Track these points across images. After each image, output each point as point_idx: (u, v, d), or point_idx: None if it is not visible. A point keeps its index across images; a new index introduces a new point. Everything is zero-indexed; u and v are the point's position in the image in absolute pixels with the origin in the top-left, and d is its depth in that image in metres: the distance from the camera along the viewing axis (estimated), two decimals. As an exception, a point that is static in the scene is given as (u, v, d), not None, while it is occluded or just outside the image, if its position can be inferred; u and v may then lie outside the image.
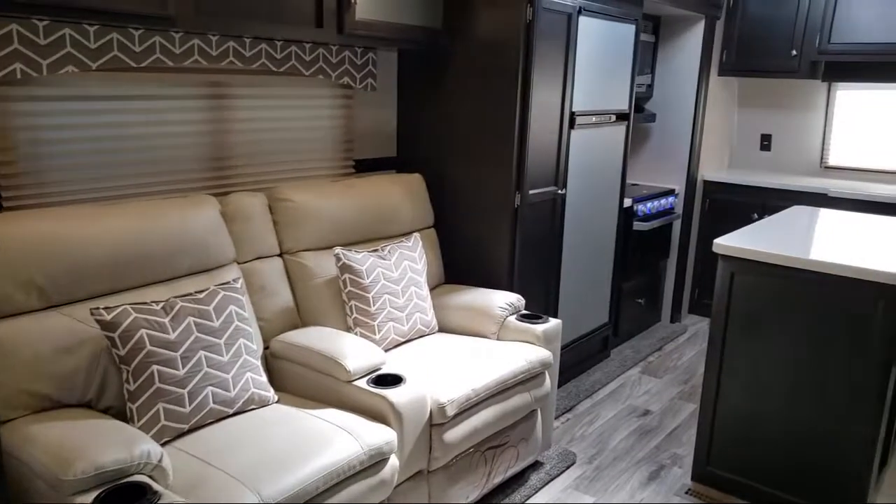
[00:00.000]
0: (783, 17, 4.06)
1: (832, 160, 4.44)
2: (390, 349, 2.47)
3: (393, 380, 2.07)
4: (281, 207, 2.47)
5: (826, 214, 3.15)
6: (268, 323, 2.34)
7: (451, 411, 2.11)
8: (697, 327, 4.30)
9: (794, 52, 4.04)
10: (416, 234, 2.73)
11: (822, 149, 4.45)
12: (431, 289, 2.87)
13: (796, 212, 3.18)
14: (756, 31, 4.16)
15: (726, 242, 2.46)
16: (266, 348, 2.30)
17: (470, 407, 2.21)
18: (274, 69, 2.51)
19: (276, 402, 2.09)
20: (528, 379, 2.44)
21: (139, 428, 1.79)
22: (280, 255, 2.47)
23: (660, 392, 3.41)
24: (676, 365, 3.75)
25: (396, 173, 3.07)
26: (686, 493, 2.56)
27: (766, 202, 4.13)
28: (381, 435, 1.92)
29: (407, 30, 2.66)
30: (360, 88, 2.91)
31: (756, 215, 4.12)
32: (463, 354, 2.40)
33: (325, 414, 2.00)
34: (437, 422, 2.11)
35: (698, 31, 4.02)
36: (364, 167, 3.06)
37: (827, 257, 2.28)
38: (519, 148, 2.80)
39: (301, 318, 2.46)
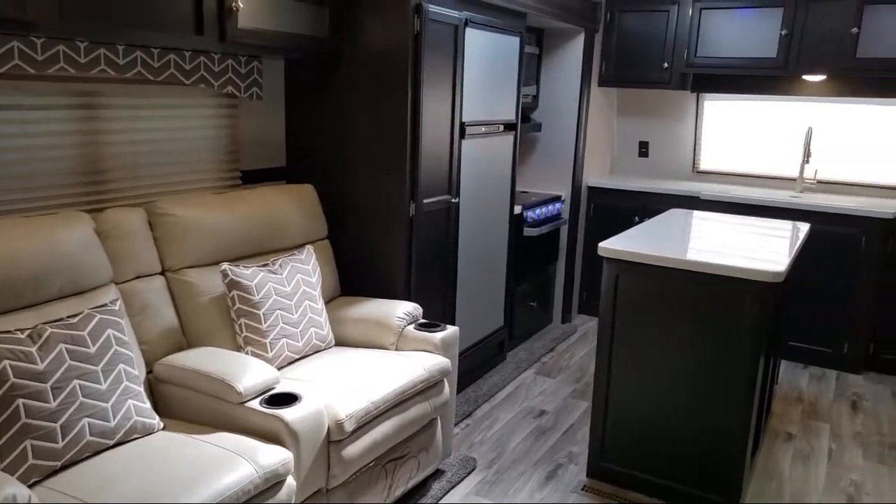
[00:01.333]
0: (655, 32, 4.32)
1: (703, 165, 4.77)
2: (284, 367, 2.40)
3: (287, 399, 2.01)
4: (162, 223, 2.34)
5: (699, 216, 3.38)
6: (151, 346, 2.21)
7: (349, 427, 2.07)
8: (587, 326, 4.48)
9: (666, 65, 4.31)
10: (309, 247, 2.67)
11: (694, 155, 4.77)
12: (327, 302, 2.82)
13: (673, 214, 3.39)
14: (631, 45, 4.41)
15: (610, 246, 2.58)
16: (149, 373, 2.17)
17: (369, 421, 2.18)
18: (151, 78, 2.38)
19: (162, 429, 1.97)
20: (427, 388, 2.44)
21: (2, 469, 1.63)
22: (162, 273, 2.34)
23: (554, 392, 3.52)
24: (569, 364, 3.89)
25: (287, 184, 2.99)
26: (582, 489, 2.66)
27: (646, 205, 4.37)
28: (276, 456, 1.86)
29: (292, 38, 2.60)
30: (245, 97, 2.82)
31: (637, 218, 4.35)
32: (361, 368, 2.37)
33: (216, 438, 1.91)
34: (335, 438, 2.06)
35: (579, 43, 4.21)
36: (252, 178, 2.97)
37: (701, 257, 2.44)
38: (412, 157, 2.80)
39: (187, 339, 2.34)
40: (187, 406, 2.09)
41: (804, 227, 3.18)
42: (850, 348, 3.89)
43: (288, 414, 1.94)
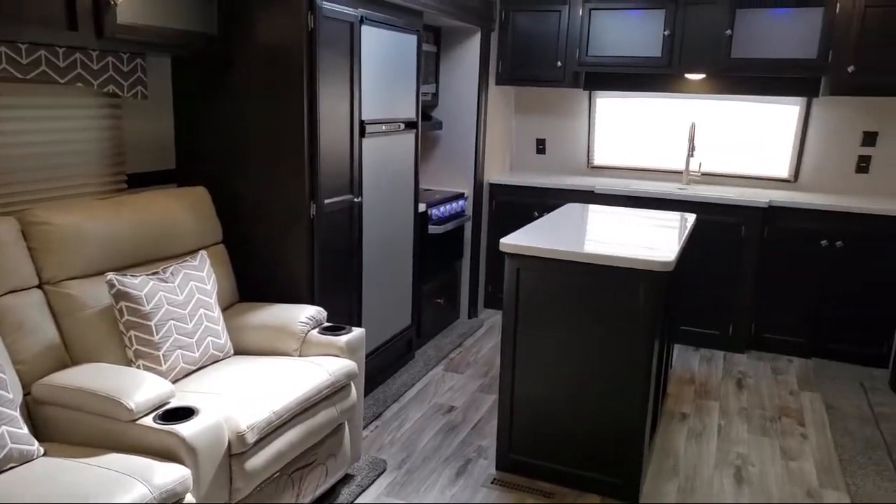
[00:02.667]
0: (548, 31, 4.44)
1: (597, 160, 4.95)
2: (180, 379, 2.28)
3: (184, 413, 1.91)
4: (37, 232, 2.17)
5: (594, 209, 3.50)
6: (28, 366, 2.04)
7: (251, 438, 2.00)
8: (493, 320, 4.56)
9: (560, 64, 4.44)
10: (203, 252, 2.55)
11: (588, 151, 4.95)
12: (224, 309, 2.71)
13: (569, 208, 3.50)
14: (526, 44, 4.51)
15: (510, 241, 2.62)
16: (27, 394, 2.01)
17: (272, 431, 2.12)
18: (20, 76, 2.19)
19: (43, 455, 1.83)
20: (333, 393, 2.40)
21: None
22: (40, 287, 2.17)
23: (463, 387, 3.55)
24: (476, 359, 3.93)
25: (177, 187, 2.85)
26: (492, 483, 2.69)
27: (545, 201, 4.49)
28: (172, 474, 1.76)
29: (177, 35, 2.48)
30: (128, 97, 2.66)
31: (537, 213, 4.46)
32: (262, 376, 2.29)
33: (105, 461, 1.79)
34: (236, 451, 1.98)
35: (475, 42, 4.26)
36: (139, 182, 2.81)
37: (596, 249, 2.53)
38: (310, 157, 2.74)
39: (71, 356, 2.18)
40: (72, 428, 1.95)
41: (691, 218, 3.36)
42: (735, 330, 4.16)
43: (184, 429, 1.85)
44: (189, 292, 2.36)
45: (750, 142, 4.52)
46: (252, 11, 2.69)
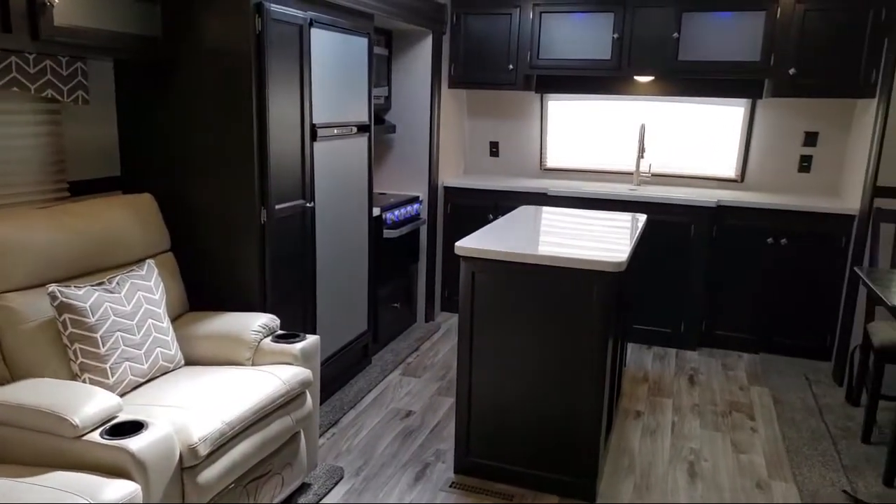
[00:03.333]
0: (499, 34, 4.47)
1: (550, 163, 5.00)
2: (128, 392, 2.21)
3: (133, 427, 1.85)
4: (-28, 243, 2.07)
5: (547, 211, 3.53)
6: (-36, 383, 1.95)
7: (203, 451, 1.95)
8: (450, 323, 4.56)
9: (511, 67, 4.48)
10: (150, 261, 2.48)
11: (541, 153, 4.99)
12: (174, 319, 2.64)
13: (523, 211, 3.53)
14: (477, 47, 4.53)
15: (465, 244, 2.63)
16: (-37, 414, 1.92)
17: (226, 442, 2.07)
18: (-52, 79, 2.10)
19: (-19, 477, 1.75)
20: (287, 402, 2.36)
21: None
22: (-25, 301, 2.08)
23: (420, 391, 3.54)
24: (434, 362, 3.93)
25: (122, 194, 2.77)
26: (450, 486, 2.69)
27: (499, 203, 4.52)
28: (121, 490, 1.70)
29: (119, 38, 2.41)
30: (68, 102, 2.57)
31: (491, 216, 4.48)
32: (214, 387, 2.24)
33: (50, 479, 1.72)
34: (188, 464, 1.93)
35: (427, 45, 4.26)
36: (82, 190, 2.71)
37: (550, 251, 2.55)
38: (260, 162, 2.69)
39: (11, 371, 2.09)
40: (13, 448, 1.87)
41: (642, 218, 3.42)
42: (686, 327, 4.25)
43: (133, 443, 1.79)
44: (136, 303, 2.29)
45: (698, 143, 4.63)
46: (197, 14, 2.63)
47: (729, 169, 4.61)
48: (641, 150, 4.49)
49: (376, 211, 3.78)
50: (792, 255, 4.03)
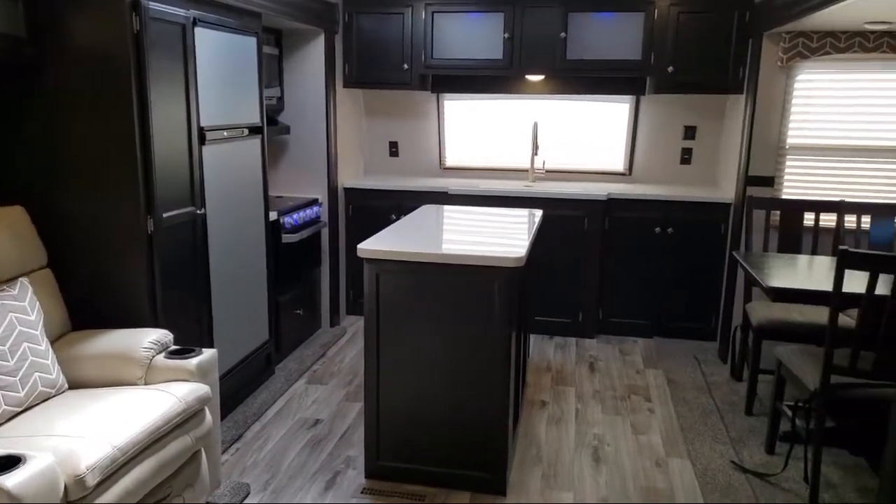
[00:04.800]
0: (392, 34, 4.45)
1: (449, 162, 5.05)
2: (3, 424, 2.03)
3: (8, 462, 1.70)
4: None
5: (449, 210, 3.56)
6: None
7: (92, 481, 1.82)
8: (356, 327, 4.50)
9: (406, 66, 4.47)
10: (24, 280, 2.29)
11: (440, 152, 5.03)
12: (54, 340, 2.44)
13: (425, 210, 3.53)
14: (371, 47, 4.49)
15: (368, 246, 2.59)
16: None
17: (118, 468, 1.94)
18: None
19: None
20: (185, 420, 2.24)
21: None
22: None
23: (328, 398, 3.47)
24: (340, 368, 3.86)
25: (-12, 208, 2.53)
26: (362, 492, 2.65)
27: (401, 203, 4.50)
28: (-2, 534, 1.56)
29: (-24, 36, 2.20)
30: (-83, 107, 2.32)
31: (394, 216, 4.46)
32: (102, 411, 2.09)
33: (-89, 529, 1.55)
34: (75, 497, 1.79)
35: (319, 44, 4.18)
36: (-62, 204, 2.46)
37: (452, 249, 2.57)
38: (144, 169, 2.54)
39: None
40: None
41: (539, 213, 3.51)
42: (584, 316, 4.41)
43: (8, 480, 1.64)
44: (8, 325, 2.11)
45: (588, 139, 4.81)
46: (66, 12, 2.44)
47: (617, 163, 4.82)
48: (535, 148, 4.61)
49: (273, 215, 3.67)
50: (678, 242, 4.26)
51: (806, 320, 3.22)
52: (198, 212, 2.90)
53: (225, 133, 3.11)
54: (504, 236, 2.90)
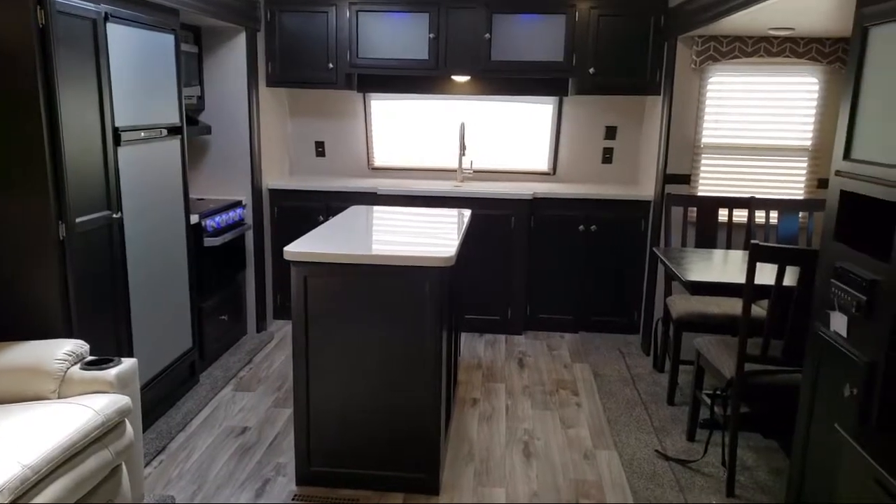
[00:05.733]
0: (317, 32, 4.39)
1: (377, 162, 5.02)
2: None
3: None
4: None
5: (378, 211, 3.54)
6: None
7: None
8: (284, 331, 4.42)
9: (331, 65, 4.41)
10: (-81, 291, 2.13)
11: (368, 152, 4.99)
12: (-45, 355, 2.28)
13: (353, 211, 3.50)
14: (295, 45, 4.41)
15: (295, 249, 2.55)
16: None
17: (30, 488, 1.83)
18: None
19: None
20: (104, 434, 2.13)
21: None
22: None
23: (255, 405, 3.39)
24: (268, 374, 3.78)
25: None
26: (293, 499, 2.60)
27: (329, 204, 4.45)
28: None
29: None
30: None
31: (322, 217, 4.40)
32: (11, 428, 1.97)
33: None
34: (-17, 522, 1.68)
35: (241, 42, 4.07)
36: None
37: (382, 250, 2.56)
38: (54, 172, 2.40)
39: None
40: None
41: (467, 213, 3.54)
42: (513, 313, 4.48)
43: None
44: None
45: (514, 139, 4.89)
46: (-38, 3, 2.29)
47: (542, 163, 4.92)
48: (463, 148, 4.65)
49: (195, 218, 3.55)
50: (601, 239, 4.39)
51: (722, 312, 3.38)
52: (114, 216, 2.77)
53: (142, 134, 2.98)
54: (434, 236, 2.91)
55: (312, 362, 2.60)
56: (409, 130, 4.94)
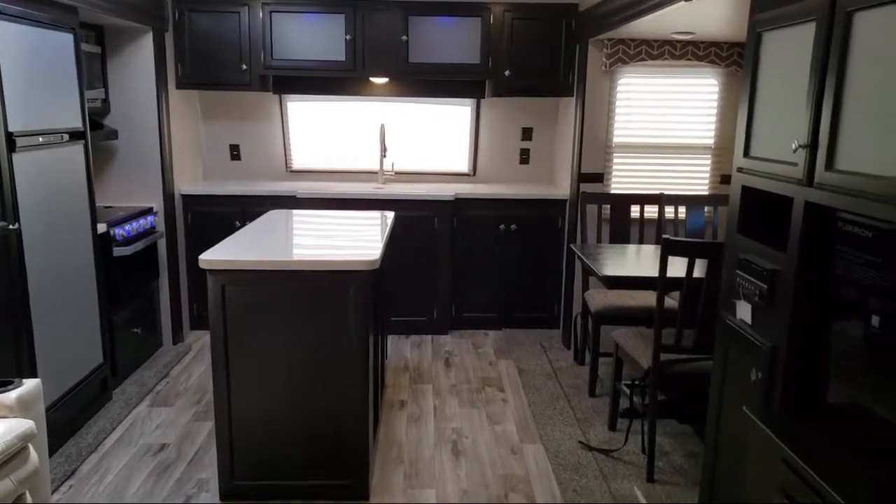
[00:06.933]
0: (228, 33, 4.26)
1: (296, 165, 4.92)
2: None
3: None
4: None
5: (298, 215, 3.47)
6: None
7: None
8: (203, 342, 4.27)
9: (245, 67, 4.30)
10: None
11: (286, 155, 4.89)
12: None
13: (272, 215, 3.42)
14: (206, 46, 4.27)
15: (212, 256, 2.47)
16: None
17: (-78, 525, 1.69)
18: None
19: None
20: (5, 462, 1.99)
21: None
22: None
23: (174, 421, 3.25)
24: (187, 387, 3.64)
25: None
26: (217, 515, 2.52)
27: (246, 209, 4.33)
28: None
29: None
30: None
31: (238, 223, 4.28)
32: None
33: None
34: None
35: (148, 43, 3.90)
36: None
37: (303, 255, 2.51)
38: (-61, 181, 2.23)
39: None
40: None
41: (390, 215, 3.53)
42: (439, 313, 4.50)
43: None
44: None
45: (435, 141, 4.91)
46: None
47: (462, 164, 4.97)
48: (384, 150, 4.63)
49: (102, 227, 3.38)
50: (521, 238, 4.48)
51: (637, 304, 3.51)
52: (10, 227, 2.60)
53: (41, 139, 2.81)
54: (357, 239, 2.89)
55: (233, 373, 2.53)
56: (329, 132, 4.88)
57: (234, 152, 4.84)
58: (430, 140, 4.91)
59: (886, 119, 1.43)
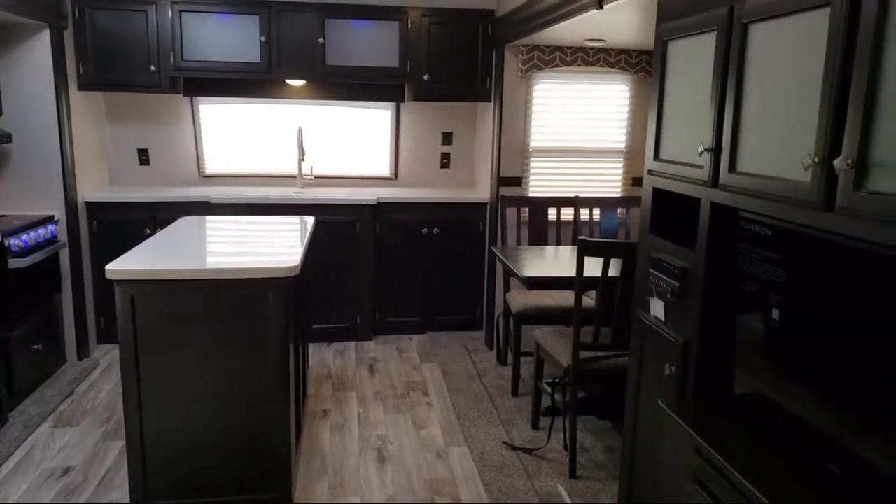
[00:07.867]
0: (135, 32, 4.07)
1: (209, 169, 4.76)
2: None
3: None
4: None
5: (212, 221, 3.35)
6: None
7: None
8: (111, 357, 4.05)
9: (153, 68, 4.12)
10: None
11: (198, 159, 4.72)
12: None
13: (185, 222, 3.29)
14: (111, 45, 4.06)
15: (119, 266, 2.34)
16: None
17: None
18: None
19: None
20: None
21: None
22: None
23: (80, 441, 3.07)
24: (94, 405, 3.44)
25: None
26: (130, 539, 2.39)
27: (156, 215, 4.14)
28: None
29: None
30: None
31: (148, 230, 4.09)
32: None
33: None
34: None
35: (45, 41, 3.67)
36: None
37: (219, 263, 2.42)
38: None
39: None
40: None
41: (310, 220, 3.46)
42: (362, 319, 4.45)
43: None
44: None
45: (355, 144, 4.86)
46: None
47: (384, 168, 4.94)
48: (302, 153, 4.54)
49: (-4, 238, 3.15)
50: (443, 241, 4.50)
51: (556, 304, 3.59)
52: None
53: (-79, 142, 2.59)
54: (276, 245, 2.81)
55: (145, 388, 2.41)
56: (244, 136, 4.74)
57: (143, 157, 4.63)
58: (350, 144, 4.86)
59: (780, 123, 1.52)
